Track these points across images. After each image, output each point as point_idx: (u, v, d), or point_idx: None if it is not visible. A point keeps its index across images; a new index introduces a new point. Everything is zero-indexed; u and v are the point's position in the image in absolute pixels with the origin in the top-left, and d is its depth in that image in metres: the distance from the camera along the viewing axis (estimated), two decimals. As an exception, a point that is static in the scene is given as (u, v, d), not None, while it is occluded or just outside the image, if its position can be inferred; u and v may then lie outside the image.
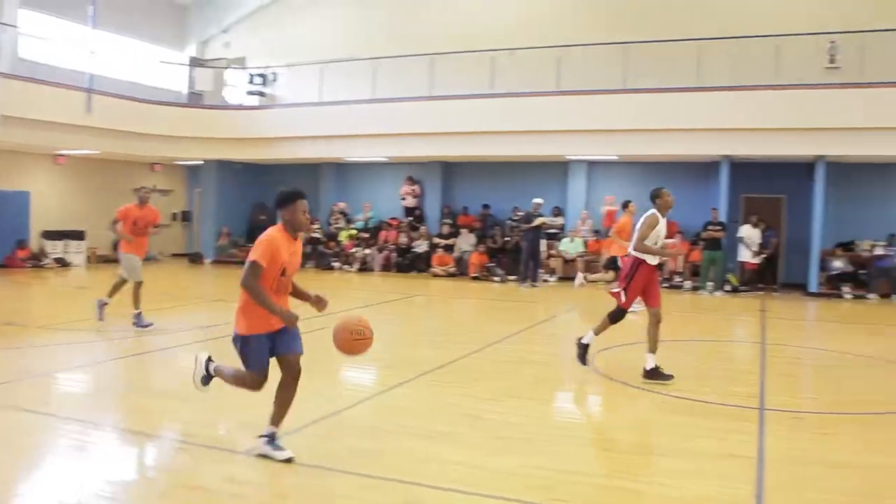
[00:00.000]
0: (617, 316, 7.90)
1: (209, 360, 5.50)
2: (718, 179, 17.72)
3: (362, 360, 8.92)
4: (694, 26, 18.17)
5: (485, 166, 20.90)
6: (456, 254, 19.86)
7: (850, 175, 17.66)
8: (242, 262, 4.92)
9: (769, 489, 4.74)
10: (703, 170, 18.58)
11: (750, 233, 17.24)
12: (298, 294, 5.28)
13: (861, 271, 17.03)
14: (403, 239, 20.68)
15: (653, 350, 7.67)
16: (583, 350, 8.06)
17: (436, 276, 19.35)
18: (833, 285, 17.04)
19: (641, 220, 7.89)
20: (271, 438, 5.06)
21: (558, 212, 19.91)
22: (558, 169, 20.29)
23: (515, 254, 18.53)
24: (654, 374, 7.58)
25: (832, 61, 17.39)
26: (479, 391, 7.22)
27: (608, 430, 6.41)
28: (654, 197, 7.95)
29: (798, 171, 17.72)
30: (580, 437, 5.98)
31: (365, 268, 20.56)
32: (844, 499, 4.66)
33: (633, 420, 6.42)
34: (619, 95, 17.58)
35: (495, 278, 18.65)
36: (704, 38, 17.24)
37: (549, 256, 18.91)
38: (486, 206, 20.78)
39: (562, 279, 18.51)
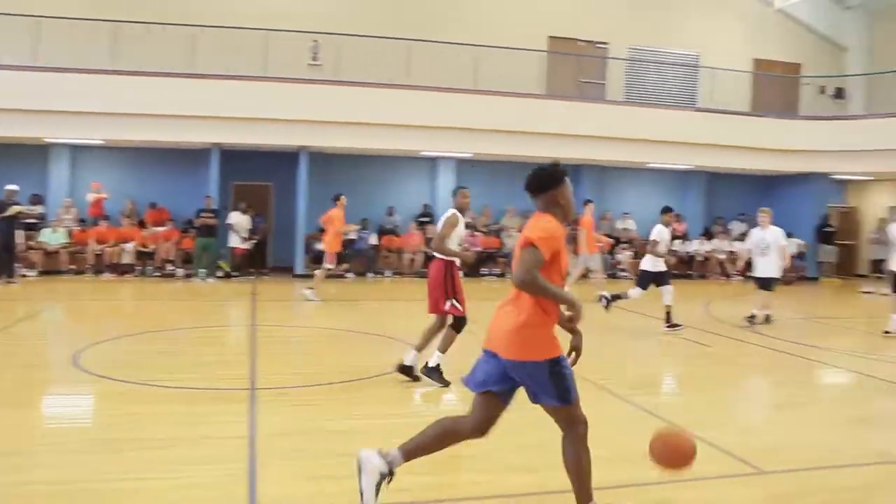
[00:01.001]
0: (460, 325, 7.30)
1: (382, 454, 3.98)
2: (209, 167, 17.99)
3: None
4: (189, 12, 18.01)
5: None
6: None
7: (329, 164, 19.25)
8: None
9: (262, 464, 5.04)
10: (195, 157, 18.64)
11: (239, 219, 17.86)
12: None
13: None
14: None
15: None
16: (433, 372, 7.32)
17: None
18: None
19: (442, 219, 7.51)
20: None
21: (37, 200, 18.26)
22: (37, 152, 18.55)
23: (-13, 246, 16.55)
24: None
25: (314, 59, 18.84)
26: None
27: (103, 430, 6.13)
28: (453, 195, 7.74)
29: (284, 160, 18.80)
30: (74, 443, 5.63)
31: None
32: (333, 460, 5.11)
33: (128, 415, 6.25)
34: (103, 76, 16.61)
35: (-38, 274, 16.48)
36: (194, 24, 17.19)
37: (28, 249, 17.24)
38: (-55, 193, 18.19)
39: (43, 273, 17.04)
